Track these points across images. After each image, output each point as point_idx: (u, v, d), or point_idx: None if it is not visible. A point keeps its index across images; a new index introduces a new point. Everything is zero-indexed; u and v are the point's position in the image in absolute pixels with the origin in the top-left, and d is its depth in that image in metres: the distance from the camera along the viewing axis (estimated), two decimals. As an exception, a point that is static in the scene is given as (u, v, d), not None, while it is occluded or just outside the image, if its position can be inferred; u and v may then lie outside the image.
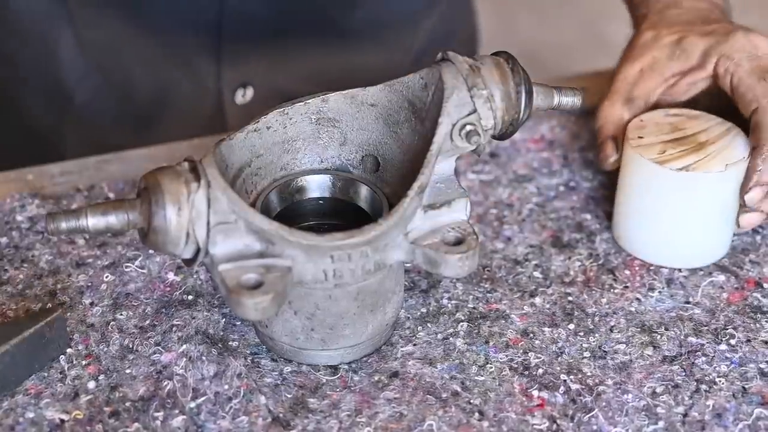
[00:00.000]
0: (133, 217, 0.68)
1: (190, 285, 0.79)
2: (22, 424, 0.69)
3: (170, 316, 0.76)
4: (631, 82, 0.86)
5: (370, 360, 0.74)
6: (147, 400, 0.70)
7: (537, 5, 2.60)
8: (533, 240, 0.84)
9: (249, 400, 0.70)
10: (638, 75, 0.86)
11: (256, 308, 0.65)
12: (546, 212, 0.87)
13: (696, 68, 0.84)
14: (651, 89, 0.85)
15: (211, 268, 0.68)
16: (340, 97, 0.75)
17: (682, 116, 0.83)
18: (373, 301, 0.71)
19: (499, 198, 0.88)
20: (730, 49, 0.83)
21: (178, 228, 0.67)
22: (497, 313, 0.77)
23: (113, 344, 0.74)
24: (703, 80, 0.85)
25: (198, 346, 0.73)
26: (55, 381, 0.72)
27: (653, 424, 0.70)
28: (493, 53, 0.75)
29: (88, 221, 0.67)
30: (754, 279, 0.80)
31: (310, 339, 0.71)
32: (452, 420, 0.69)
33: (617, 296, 0.79)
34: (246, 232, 0.67)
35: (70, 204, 0.87)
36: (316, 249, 0.67)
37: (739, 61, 0.82)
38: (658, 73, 0.85)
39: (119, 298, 0.78)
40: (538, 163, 0.92)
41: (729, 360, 0.74)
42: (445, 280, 0.79)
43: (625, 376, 0.73)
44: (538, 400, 0.71)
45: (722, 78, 0.83)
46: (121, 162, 0.92)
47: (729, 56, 0.83)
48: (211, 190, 0.67)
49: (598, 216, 0.86)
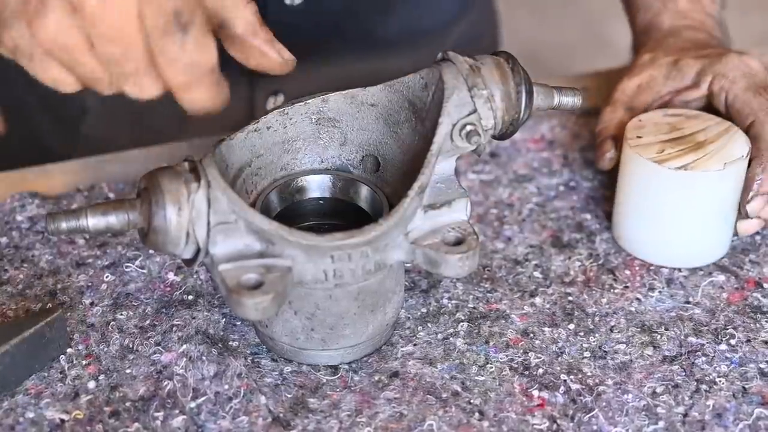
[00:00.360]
0: (133, 217, 0.68)
1: (190, 285, 0.79)
2: (23, 424, 0.69)
3: (170, 316, 0.76)
4: (629, 95, 0.88)
5: (371, 360, 0.74)
6: (147, 400, 0.70)
7: (538, 5, 2.60)
8: (533, 240, 0.84)
9: (249, 400, 0.70)
10: (636, 90, 0.88)
11: (256, 308, 0.65)
12: (546, 212, 0.87)
13: (690, 87, 0.87)
14: (648, 103, 0.87)
15: (211, 268, 0.68)
16: (341, 97, 0.75)
17: (680, 116, 0.83)
18: (373, 301, 0.71)
19: (499, 198, 0.88)
20: (725, 68, 0.85)
21: (178, 228, 0.67)
22: (497, 313, 0.77)
23: (113, 344, 0.74)
24: (696, 100, 0.86)
25: (198, 346, 0.73)
26: (56, 381, 0.72)
27: (653, 424, 0.70)
28: (493, 53, 0.75)
29: (88, 221, 0.68)
30: (754, 279, 0.80)
31: (311, 339, 0.71)
32: (452, 420, 0.69)
33: (617, 296, 0.79)
34: (246, 232, 0.67)
35: (70, 204, 0.87)
36: (316, 249, 0.67)
37: (734, 79, 0.84)
38: (654, 90, 0.88)
39: (119, 298, 0.78)
40: (539, 163, 0.92)
41: (729, 360, 0.74)
42: (445, 280, 0.79)
43: (625, 376, 0.73)
44: (539, 400, 0.71)
45: (717, 96, 0.85)
46: (121, 162, 0.92)
47: (724, 75, 0.85)
48: (211, 190, 0.67)
49: (598, 216, 0.86)
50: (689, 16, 0.93)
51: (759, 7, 2.08)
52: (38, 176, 0.90)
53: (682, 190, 0.79)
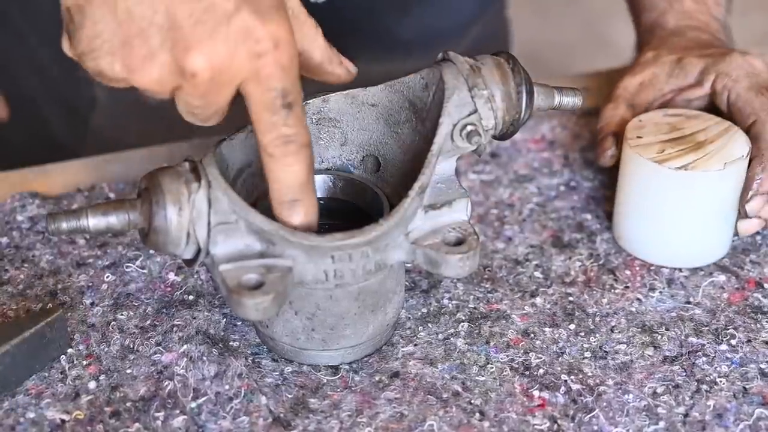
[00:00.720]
0: (134, 217, 0.68)
1: (190, 285, 0.79)
2: (23, 424, 0.69)
3: (171, 316, 0.76)
4: (632, 92, 0.88)
5: (371, 360, 0.74)
6: (148, 400, 0.70)
7: (539, 5, 2.60)
8: (534, 240, 0.84)
9: (250, 400, 0.70)
10: (638, 87, 0.88)
11: (256, 308, 0.65)
12: (546, 212, 0.87)
13: (694, 86, 0.87)
14: (649, 102, 0.87)
15: (212, 269, 0.68)
16: (341, 97, 0.75)
17: (680, 116, 0.83)
18: (374, 302, 0.71)
19: (499, 198, 0.88)
20: (728, 67, 0.85)
21: (178, 228, 0.67)
22: (498, 313, 0.77)
23: (114, 344, 0.74)
24: (698, 98, 0.86)
25: (199, 346, 0.73)
26: (56, 381, 0.72)
27: (654, 424, 0.69)
28: (493, 53, 0.75)
29: (89, 221, 0.67)
30: (754, 279, 0.80)
31: (311, 339, 0.71)
32: (453, 420, 0.69)
33: (618, 296, 0.79)
34: (247, 232, 0.67)
35: (71, 204, 0.87)
36: (317, 249, 0.67)
37: (737, 78, 0.84)
38: (657, 88, 0.88)
39: (120, 298, 0.78)
40: (539, 163, 0.92)
41: (730, 360, 0.74)
42: (445, 280, 0.79)
43: (626, 376, 0.73)
44: (539, 400, 0.71)
45: (719, 94, 0.85)
46: (121, 162, 0.92)
47: (727, 74, 0.85)
48: (211, 190, 0.67)
49: (598, 216, 0.86)
50: (694, 16, 0.93)
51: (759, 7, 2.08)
52: (38, 176, 0.90)
53: (682, 190, 0.79)
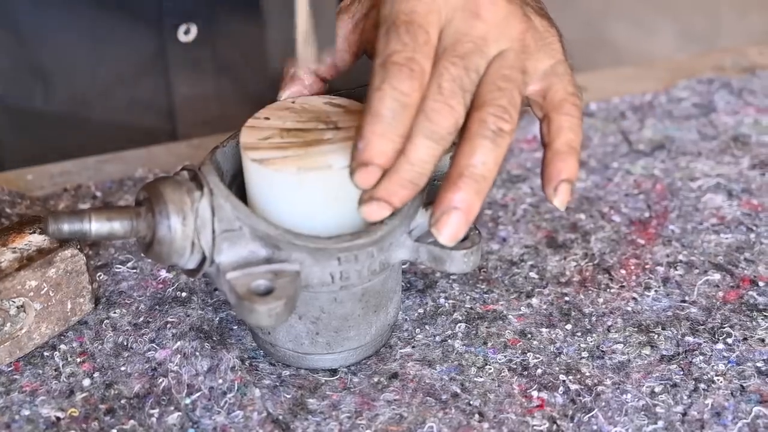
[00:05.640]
0: (137, 225, 0.66)
1: (183, 282, 0.78)
2: (18, 422, 0.68)
3: (164, 313, 0.75)
4: None
5: (369, 361, 0.73)
6: (142, 397, 0.70)
7: (538, 5, 2.59)
8: (528, 240, 0.84)
9: (243, 393, 0.70)
10: None
11: (269, 314, 0.64)
12: (540, 212, 0.87)
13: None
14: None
15: (216, 278, 0.67)
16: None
17: (340, 108, 0.71)
18: (376, 302, 0.70)
19: (493, 198, 0.88)
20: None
21: (183, 238, 0.66)
22: (494, 314, 0.77)
23: (107, 342, 0.73)
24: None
25: (192, 342, 0.72)
26: (50, 378, 0.71)
27: (653, 423, 0.69)
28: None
29: (92, 225, 0.66)
30: (749, 277, 0.81)
31: (315, 343, 0.71)
32: (452, 421, 0.69)
33: (613, 296, 0.79)
34: (251, 238, 0.66)
35: (57, 204, 0.86)
36: (324, 252, 0.66)
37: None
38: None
39: (112, 296, 0.77)
40: (532, 163, 0.92)
41: (726, 359, 0.74)
42: (441, 280, 0.79)
43: (624, 375, 0.73)
44: (538, 400, 0.71)
45: None
46: (120, 162, 0.92)
47: None
48: (214, 197, 0.66)
49: (592, 216, 0.86)
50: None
51: (759, 7, 2.09)
52: (38, 176, 0.90)
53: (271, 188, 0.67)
